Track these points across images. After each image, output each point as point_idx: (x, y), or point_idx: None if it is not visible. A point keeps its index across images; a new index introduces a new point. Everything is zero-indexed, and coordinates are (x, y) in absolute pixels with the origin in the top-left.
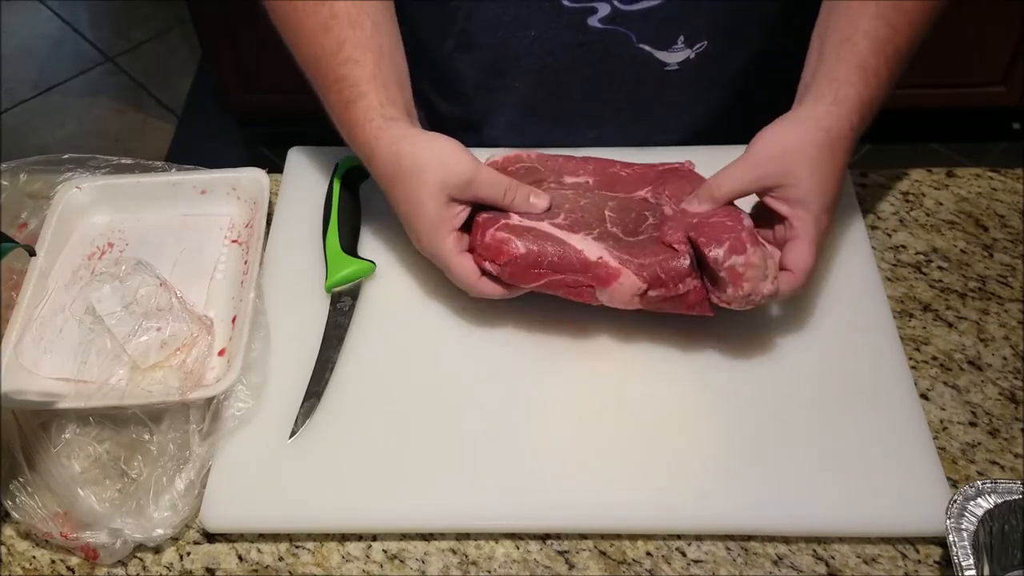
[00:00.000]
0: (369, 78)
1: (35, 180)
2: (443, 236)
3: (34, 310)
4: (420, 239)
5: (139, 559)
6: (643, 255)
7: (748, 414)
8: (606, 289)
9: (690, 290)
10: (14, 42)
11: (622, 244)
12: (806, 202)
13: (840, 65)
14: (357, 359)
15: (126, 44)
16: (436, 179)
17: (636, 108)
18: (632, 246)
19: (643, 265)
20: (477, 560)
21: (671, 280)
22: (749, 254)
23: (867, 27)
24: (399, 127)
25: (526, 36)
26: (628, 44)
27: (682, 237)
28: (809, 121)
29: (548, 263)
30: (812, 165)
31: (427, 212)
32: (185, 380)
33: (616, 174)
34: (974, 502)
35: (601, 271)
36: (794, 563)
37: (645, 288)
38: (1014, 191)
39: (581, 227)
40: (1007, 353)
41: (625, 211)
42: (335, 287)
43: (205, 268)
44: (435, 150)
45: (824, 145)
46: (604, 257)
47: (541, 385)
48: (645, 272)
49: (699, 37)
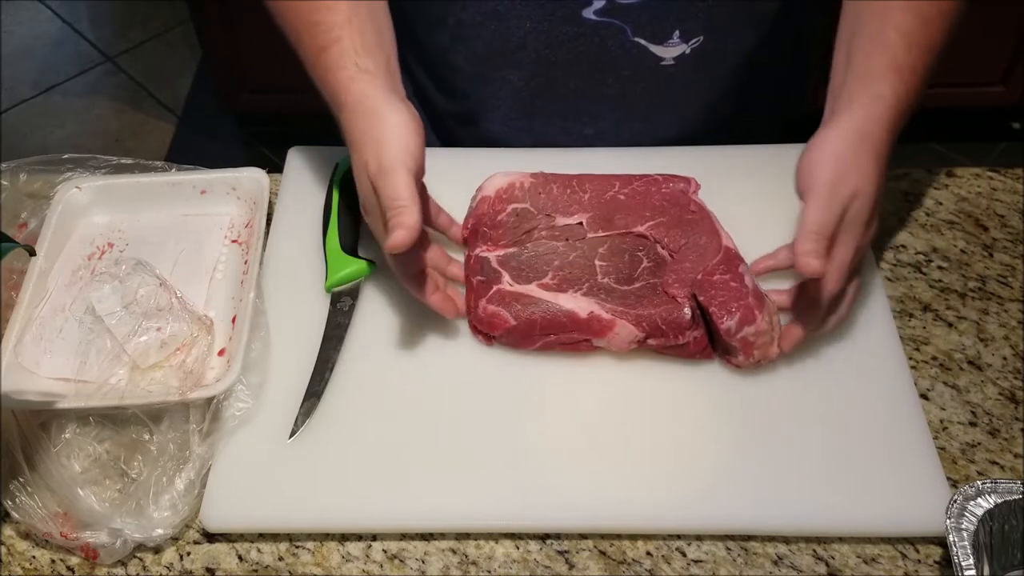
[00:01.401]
0: (343, 23)
1: (35, 180)
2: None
3: (34, 310)
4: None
5: (139, 559)
6: (640, 305)
7: (748, 414)
8: (602, 339)
9: (690, 341)
10: (14, 42)
11: (615, 295)
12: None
13: (873, 62)
14: (357, 359)
15: (126, 44)
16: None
17: (632, 103)
18: (627, 296)
19: (641, 316)
20: (477, 560)
21: (671, 331)
22: (759, 322)
23: (897, 20)
24: (371, 84)
25: (521, 28)
26: (623, 37)
27: (685, 292)
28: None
29: (540, 328)
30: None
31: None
32: (185, 380)
33: (615, 199)
34: (974, 502)
35: (594, 325)
36: (794, 563)
37: (644, 337)
38: (1014, 191)
39: (570, 284)
40: (1007, 353)
41: (618, 255)
42: (335, 287)
43: (205, 268)
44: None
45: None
46: (595, 311)
47: (541, 385)
48: (644, 322)
49: (695, 32)
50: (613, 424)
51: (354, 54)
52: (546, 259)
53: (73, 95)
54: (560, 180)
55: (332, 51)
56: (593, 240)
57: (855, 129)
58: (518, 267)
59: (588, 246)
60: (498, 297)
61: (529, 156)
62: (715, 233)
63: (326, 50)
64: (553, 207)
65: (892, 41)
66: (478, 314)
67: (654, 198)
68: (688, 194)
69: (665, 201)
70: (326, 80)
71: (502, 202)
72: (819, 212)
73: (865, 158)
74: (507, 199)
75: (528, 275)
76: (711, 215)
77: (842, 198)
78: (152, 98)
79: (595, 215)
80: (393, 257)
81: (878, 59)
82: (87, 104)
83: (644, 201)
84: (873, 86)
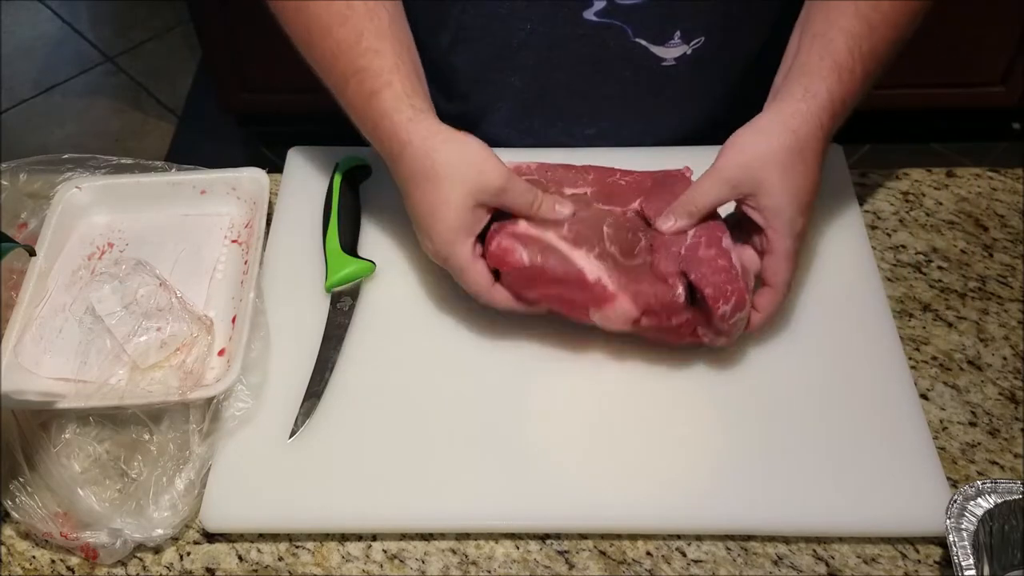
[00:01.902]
0: (392, 68)
1: (35, 180)
2: (462, 241)
3: (34, 310)
4: (434, 241)
5: (139, 559)
6: (638, 281)
7: (748, 414)
8: (599, 311)
9: (681, 323)
10: (14, 42)
11: (620, 267)
12: (779, 209)
13: (812, 60)
14: (357, 359)
15: (126, 44)
16: (469, 183)
17: (633, 105)
18: (628, 271)
19: (638, 293)
20: (477, 560)
21: (664, 312)
22: (747, 307)
23: (843, 24)
24: (430, 122)
25: (522, 29)
26: (624, 38)
27: (674, 270)
28: (776, 125)
29: (550, 277)
30: (782, 170)
31: (451, 215)
32: (185, 380)
33: (615, 183)
34: (974, 502)
35: (598, 292)
36: (794, 563)
37: (638, 315)
38: (1014, 191)
39: (583, 242)
40: (1007, 353)
41: (621, 230)
42: (335, 287)
43: (205, 268)
44: (470, 152)
45: (793, 148)
46: (602, 279)
47: (542, 384)
48: (640, 300)
49: (696, 33)
50: (613, 424)
51: (407, 96)
52: None
53: (73, 95)
54: (564, 165)
55: (384, 95)
56: (599, 210)
57: (780, 122)
58: None
59: (596, 213)
60: (515, 233)
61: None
62: None
63: (378, 94)
64: (559, 183)
65: (836, 43)
66: (492, 249)
67: (647, 183)
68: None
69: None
70: (381, 126)
71: None
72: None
73: (783, 152)
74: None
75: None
76: None
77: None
78: (152, 98)
79: (597, 190)
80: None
81: (818, 58)
82: (87, 104)
83: (640, 185)
84: (811, 83)
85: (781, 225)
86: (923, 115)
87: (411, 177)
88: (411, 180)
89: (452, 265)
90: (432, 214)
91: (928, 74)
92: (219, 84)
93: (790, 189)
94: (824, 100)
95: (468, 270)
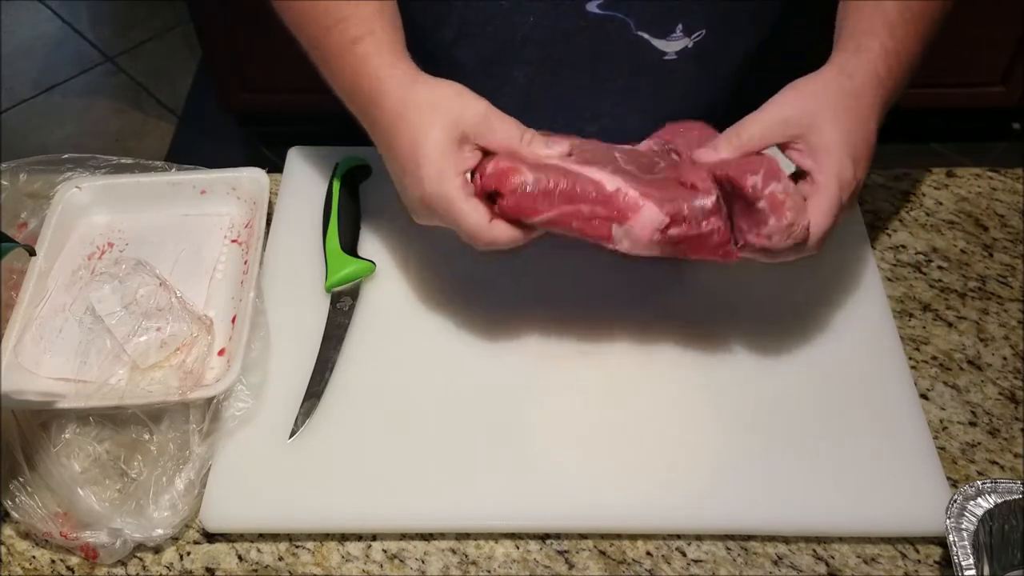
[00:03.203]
0: (373, 16)
1: (35, 180)
2: (450, 178)
3: (34, 310)
4: (423, 182)
5: (139, 559)
6: (663, 189)
7: (748, 414)
8: (624, 224)
9: (714, 230)
10: (14, 42)
11: (639, 180)
12: (829, 148)
13: (862, 21)
14: (357, 359)
15: (126, 44)
16: (452, 114)
17: (634, 98)
18: (650, 183)
19: (665, 198)
20: (477, 560)
21: (695, 217)
22: (784, 179)
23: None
24: (411, 67)
25: (525, 22)
26: (626, 30)
27: (705, 175)
28: (831, 70)
29: (560, 192)
30: (835, 111)
31: (435, 151)
32: (185, 380)
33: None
34: (974, 502)
35: (620, 201)
36: (794, 563)
37: (667, 223)
38: (1014, 191)
39: (594, 162)
40: (1007, 353)
41: (635, 156)
42: (335, 287)
43: (205, 268)
44: (449, 88)
45: (848, 91)
46: (622, 188)
47: (542, 384)
48: (668, 205)
49: (698, 26)
50: (613, 424)
51: (389, 43)
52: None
53: (73, 95)
54: None
55: (367, 41)
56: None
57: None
58: None
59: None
60: (515, 157)
61: None
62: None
63: (360, 40)
64: None
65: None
66: (489, 171)
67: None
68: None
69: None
70: (360, 71)
71: None
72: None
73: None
74: None
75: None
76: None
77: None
78: (152, 98)
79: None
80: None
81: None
82: (87, 104)
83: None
84: (863, 39)
85: (829, 165)
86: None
87: (391, 121)
88: (390, 124)
89: (442, 207)
90: (415, 154)
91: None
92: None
93: (842, 130)
94: (878, 52)
95: (461, 208)
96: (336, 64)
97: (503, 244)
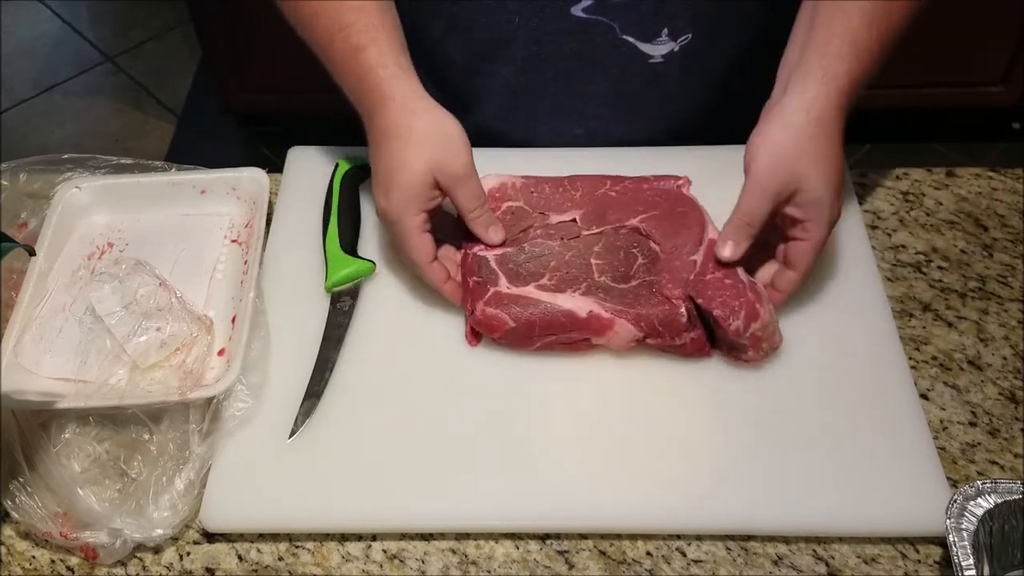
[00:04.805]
0: (377, 25)
1: (35, 180)
2: (413, 212)
3: (34, 310)
4: (389, 200)
5: (139, 559)
6: (638, 304)
7: (748, 414)
8: (602, 337)
9: (687, 342)
10: (14, 42)
11: (613, 294)
12: (820, 202)
13: (832, 39)
14: (357, 359)
15: (126, 44)
16: (435, 159)
17: (621, 102)
18: (625, 295)
19: (640, 316)
20: (477, 560)
21: (668, 333)
22: (763, 315)
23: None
24: (415, 83)
25: (510, 22)
26: (611, 35)
27: (680, 294)
28: (799, 115)
29: (540, 329)
30: (814, 159)
31: (409, 181)
32: (185, 380)
33: (606, 195)
34: (974, 502)
35: (594, 324)
36: (794, 563)
37: (642, 336)
38: (1014, 191)
39: (568, 284)
40: (1007, 353)
41: (613, 252)
42: (335, 287)
43: (205, 268)
44: (447, 130)
45: (820, 136)
46: (594, 311)
47: (542, 384)
48: (642, 322)
49: (683, 30)
50: (613, 424)
51: (392, 53)
52: (543, 260)
53: (73, 95)
54: (551, 180)
55: (370, 51)
56: (588, 238)
57: (804, 111)
58: (515, 268)
59: (583, 244)
60: (496, 300)
61: (519, 156)
62: (703, 226)
63: (364, 49)
64: (546, 205)
65: (854, 19)
66: (477, 317)
67: (646, 193)
68: (679, 189)
69: (657, 196)
70: (365, 79)
71: (495, 200)
72: (748, 200)
73: (811, 143)
74: (500, 198)
75: (525, 277)
76: (702, 209)
77: (776, 186)
78: (152, 98)
79: (588, 211)
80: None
81: (837, 35)
82: (87, 104)
83: (636, 196)
84: (831, 64)
85: (820, 215)
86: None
87: (385, 132)
88: (384, 135)
89: (398, 231)
90: (393, 174)
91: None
92: (219, 84)
93: (825, 178)
94: (844, 83)
95: (412, 241)
96: (341, 70)
97: (432, 285)
